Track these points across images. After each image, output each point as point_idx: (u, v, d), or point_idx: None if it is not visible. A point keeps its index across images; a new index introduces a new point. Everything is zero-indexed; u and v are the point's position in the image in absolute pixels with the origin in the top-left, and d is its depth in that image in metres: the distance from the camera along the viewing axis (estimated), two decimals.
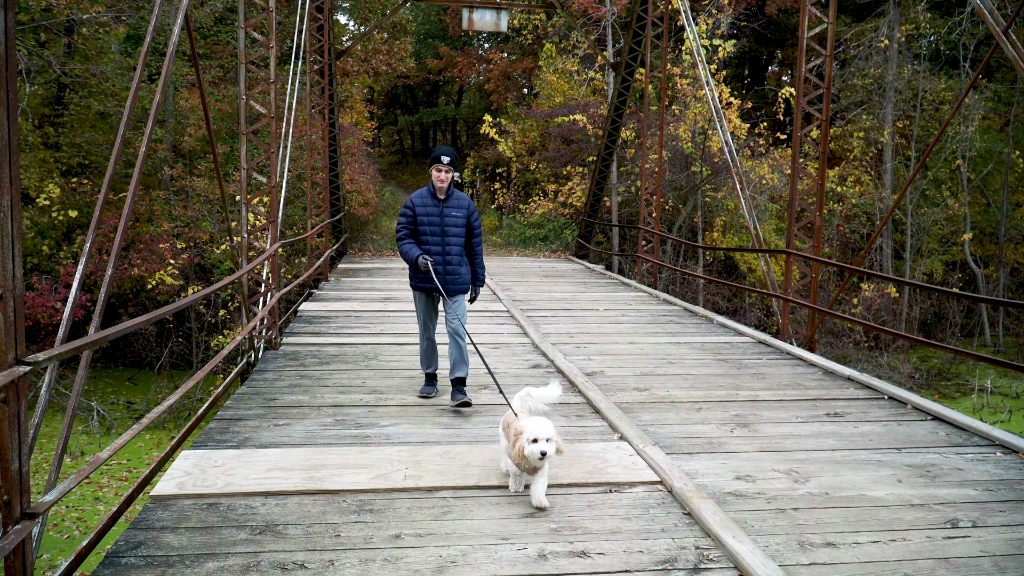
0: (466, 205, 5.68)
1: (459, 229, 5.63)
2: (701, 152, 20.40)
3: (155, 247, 16.16)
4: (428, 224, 5.56)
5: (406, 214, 5.60)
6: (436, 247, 5.57)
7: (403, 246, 5.61)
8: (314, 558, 3.29)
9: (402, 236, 5.63)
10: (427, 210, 5.57)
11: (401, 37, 25.17)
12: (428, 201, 5.58)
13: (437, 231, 5.57)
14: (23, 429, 2.65)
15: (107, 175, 4.12)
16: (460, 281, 5.70)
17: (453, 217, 5.60)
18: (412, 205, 5.61)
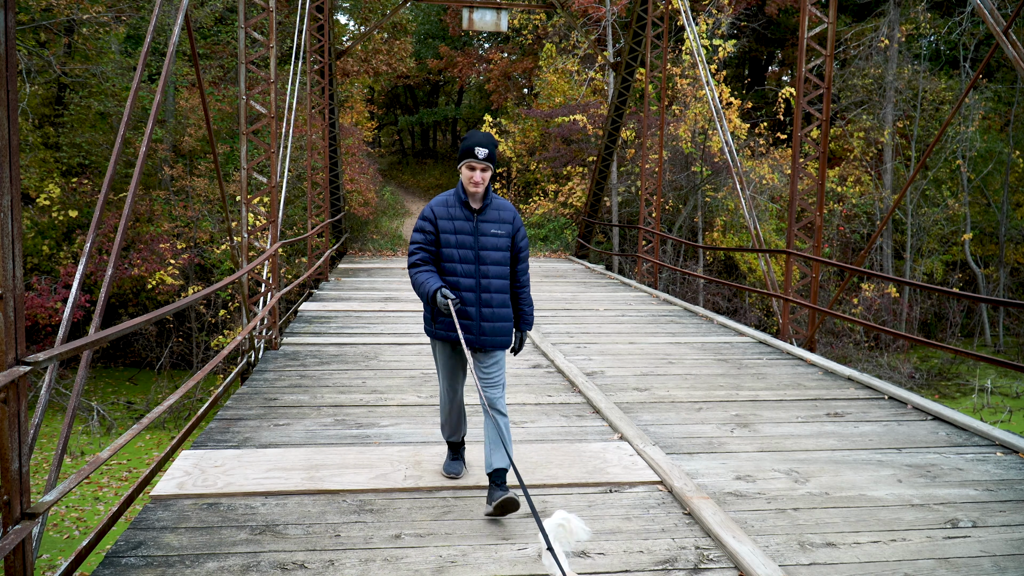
0: (511, 219, 3.91)
1: (501, 254, 3.86)
2: (701, 152, 20.40)
3: (155, 247, 16.16)
4: (457, 246, 3.81)
5: (424, 230, 3.83)
6: (468, 279, 3.81)
7: (418, 275, 3.76)
8: (314, 558, 3.29)
9: (417, 262, 3.81)
10: (455, 225, 3.81)
11: (401, 37, 25.16)
12: (456, 212, 3.83)
13: (469, 256, 3.81)
14: (23, 429, 2.65)
15: (107, 175, 4.12)
16: (501, 330, 3.90)
17: (493, 236, 3.85)
18: (432, 217, 3.82)
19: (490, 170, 3.76)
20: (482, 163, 3.74)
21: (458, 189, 3.88)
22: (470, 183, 3.79)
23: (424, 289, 3.70)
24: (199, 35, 19.56)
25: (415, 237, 3.84)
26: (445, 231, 3.81)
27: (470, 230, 3.83)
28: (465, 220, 3.83)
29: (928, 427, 5.40)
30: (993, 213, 22.33)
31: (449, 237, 3.81)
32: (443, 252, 3.81)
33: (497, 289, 3.86)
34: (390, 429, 5.11)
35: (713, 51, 20.19)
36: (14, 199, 2.56)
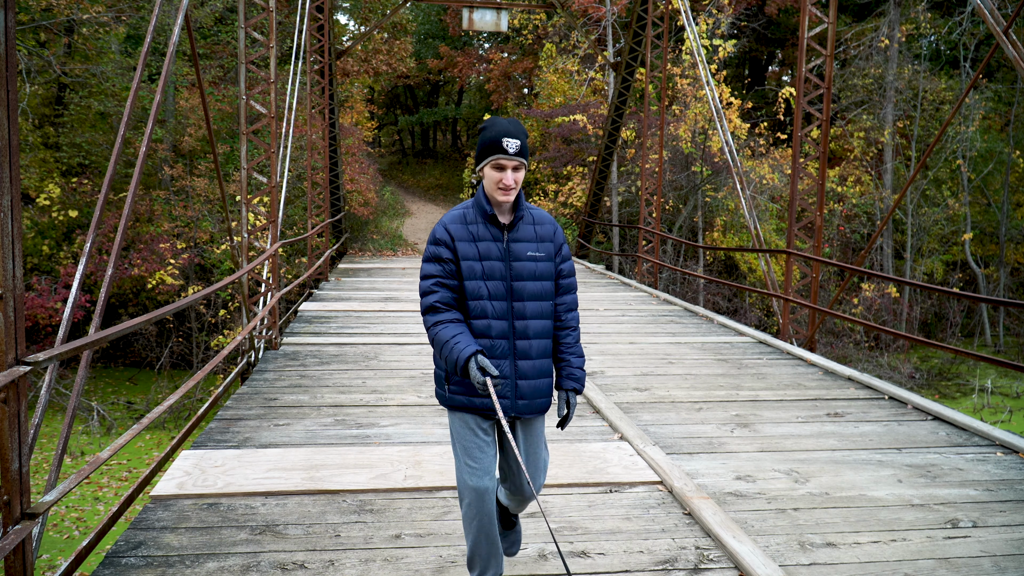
0: (551, 234, 2.90)
1: (541, 285, 2.83)
2: (701, 152, 20.40)
3: (155, 247, 16.16)
4: (485, 277, 2.78)
5: (439, 258, 2.78)
6: (499, 321, 2.79)
7: (441, 331, 2.72)
8: (314, 558, 3.29)
9: (437, 305, 2.77)
10: (480, 249, 2.79)
11: (401, 37, 25.17)
12: (480, 231, 2.81)
13: (500, 290, 2.79)
14: (23, 429, 2.65)
15: (107, 175, 4.12)
16: (542, 389, 2.88)
17: (530, 260, 2.83)
18: (448, 239, 2.79)
19: (524, 168, 2.76)
20: (514, 159, 2.71)
21: (479, 199, 2.81)
22: (498, 188, 2.73)
23: (452, 353, 2.61)
24: (199, 35, 19.57)
25: (428, 269, 2.77)
26: (467, 257, 2.74)
27: (499, 254, 2.77)
28: (492, 241, 2.77)
29: (928, 427, 5.40)
30: (993, 213, 22.34)
31: (473, 266, 2.74)
32: (466, 287, 2.74)
33: (537, 333, 2.82)
34: (390, 429, 5.11)
35: (713, 51, 20.19)
36: (14, 199, 2.56)
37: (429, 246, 2.81)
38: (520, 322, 2.80)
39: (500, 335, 2.78)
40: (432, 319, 2.75)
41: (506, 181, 2.73)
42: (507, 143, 2.71)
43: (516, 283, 2.79)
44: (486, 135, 2.75)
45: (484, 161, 2.76)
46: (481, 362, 2.57)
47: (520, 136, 2.73)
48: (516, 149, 2.72)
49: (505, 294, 2.78)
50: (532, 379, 2.83)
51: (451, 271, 2.76)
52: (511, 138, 2.71)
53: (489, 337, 2.77)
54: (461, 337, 2.66)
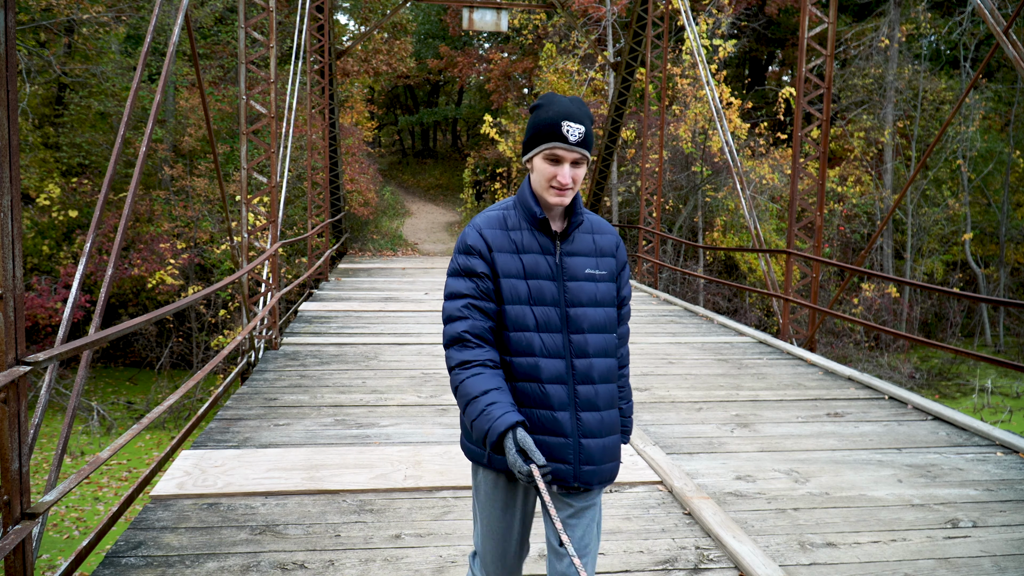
0: (613, 247, 2.28)
1: (604, 312, 2.21)
2: (701, 152, 20.39)
3: (155, 247, 16.16)
4: (533, 301, 2.15)
5: (470, 272, 2.14)
6: (554, 361, 2.14)
7: (468, 380, 2.06)
8: (314, 558, 3.29)
9: (463, 334, 2.10)
10: (525, 263, 2.16)
11: (401, 37, 25.17)
12: (525, 239, 2.18)
13: (553, 316, 2.15)
14: (23, 429, 2.65)
15: (107, 175, 4.12)
16: (612, 450, 2.23)
17: (588, 281, 2.20)
18: (483, 246, 2.15)
19: (586, 163, 2.12)
20: (575, 150, 2.07)
21: (523, 198, 2.17)
22: (551, 188, 2.10)
23: (481, 419, 1.97)
24: (199, 35, 19.57)
25: (455, 287, 2.12)
26: (508, 274, 2.11)
27: (550, 271, 2.14)
28: (541, 253, 2.14)
29: (928, 427, 5.40)
30: (993, 213, 22.34)
31: (516, 285, 2.11)
32: (508, 314, 2.10)
33: (603, 376, 2.17)
34: (390, 429, 5.11)
35: (713, 51, 20.18)
36: (14, 199, 2.56)
37: (458, 256, 2.13)
38: (581, 361, 2.14)
39: (554, 379, 2.10)
40: (458, 356, 2.05)
41: (562, 178, 2.07)
42: (567, 128, 2.06)
43: (573, 310, 2.13)
44: (540, 117, 2.10)
45: (535, 150, 2.11)
46: (523, 441, 1.89)
47: (585, 120, 2.07)
48: (579, 137, 2.06)
49: (559, 324, 2.12)
50: (600, 437, 2.15)
51: (487, 290, 2.09)
52: (573, 122, 2.07)
53: (537, 381, 2.09)
54: (496, 396, 1.98)
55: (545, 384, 2.11)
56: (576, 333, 2.14)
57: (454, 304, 2.12)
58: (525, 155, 2.17)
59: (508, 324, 2.11)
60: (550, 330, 2.12)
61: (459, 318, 2.10)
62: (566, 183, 2.09)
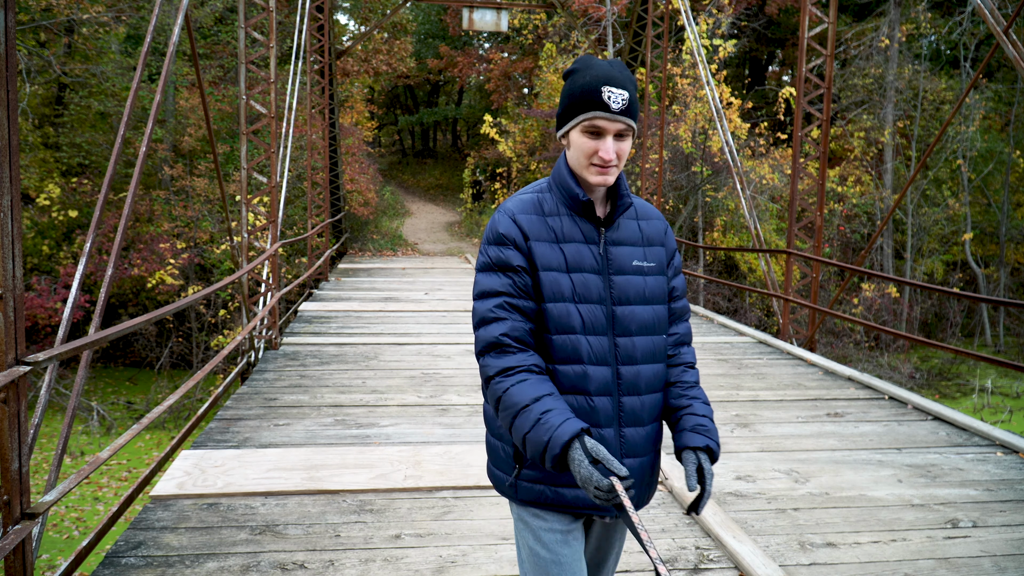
0: (661, 233, 1.97)
1: (653, 310, 1.89)
2: (701, 152, 20.40)
3: (155, 247, 16.17)
4: (578, 298, 1.81)
5: (504, 264, 1.80)
6: (599, 367, 1.81)
7: (508, 384, 1.72)
8: (314, 558, 3.29)
9: (500, 339, 1.77)
10: (566, 254, 1.83)
11: (401, 37, 25.18)
12: (566, 226, 1.85)
13: (599, 316, 1.82)
14: (23, 429, 2.65)
15: (107, 175, 4.12)
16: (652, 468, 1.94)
17: (636, 274, 1.88)
18: (518, 235, 1.82)
19: (632, 135, 1.82)
20: (619, 119, 1.76)
21: (561, 177, 1.87)
22: (591, 165, 1.81)
23: (538, 431, 1.65)
24: (199, 35, 19.57)
25: (488, 284, 1.81)
26: (549, 266, 1.80)
27: (595, 263, 1.84)
28: (584, 242, 1.84)
29: (928, 427, 5.40)
30: (994, 213, 22.35)
31: (559, 280, 1.80)
32: (549, 314, 1.79)
33: (650, 385, 1.88)
34: (390, 429, 5.11)
35: (713, 51, 20.19)
36: (14, 199, 2.56)
37: (488, 248, 1.83)
38: (628, 369, 1.83)
39: (601, 390, 1.80)
40: (497, 363, 1.74)
41: (604, 154, 1.77)
42: (609, 95, 1.75)
43: (620, 308, 1.83)
44: (577, 83, 1.79)
45: (571, 122, 1.80)
46: (595, 450, 1.60)
47: (628, 85, 1.77)
48: (622, 104, 1.75)
49: (606, 326, 1.81)
50: (642, 456, 1.87)
51: (525, 287, 1.78)
52: (615, 87, 1.75)
53: (586, 393, 1.79)
54: (551, 403, 1.67)
55: (593, 397, 1.80)
56: (623, 336, 1.83)
57: (487, 304, 1.79)
58: (560, 129, 1.86)
59: (550, 326, 1.78)
60: (596, 332, 1.81)
61: (495, 320, 1.77)
62: (609, 159, 1.77)
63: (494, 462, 1.94)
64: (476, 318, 1.81)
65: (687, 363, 1.98)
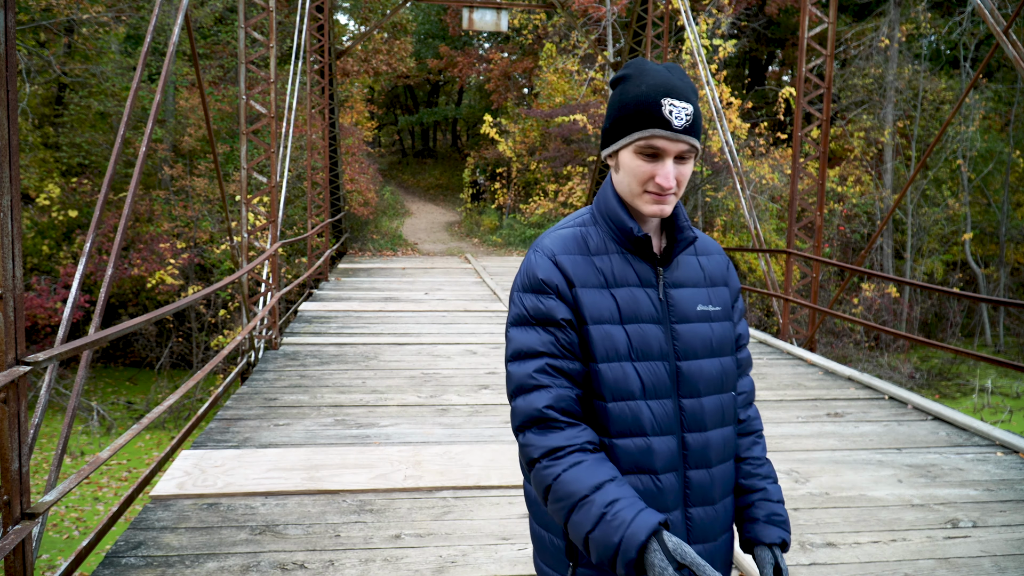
0: (723, 271, 1.66)
1: (721, 364, 1.58)
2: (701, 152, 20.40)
3: (155, 247, 16.17)
4: (634, 353, 1.50)
5: (546, 318, 1.48)
6: (663, 437, 1.50)
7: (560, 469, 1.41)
8: (314, 558, 3.29)
9: (545, 412, 1.45)
10: (619, 301, 1.51)
11: (401, 37, 25.18)
12: (617, 266, 1.53)
13: (662, 375, 1.51)
14: (23, 429, 2.65)
15: (107, 175, 4.12)
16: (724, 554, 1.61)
17: (702, 323, 1.58)
18: (561, 281, 1.50)
19: (694, 157, 1.53)
20: (682, 139, 1.48)
21: (609, 207, 1.58)
22: (646, 192, 1.52)
23: (605, 529, 1.36)
24: (199, 35, 19.57)
25: (525, 341, 1.51)
26: (600, 318, 1.50)
27: (654, 310, 1.54)
28: (640, 286, 1.55)
29: (928, 427, 5.40)
30: (993, 213, 22.35)
31: (612, 334, 1.50)
32: (602, 376, 1.49)
33: (719, 455, 1.59)
34: (390, 429, 5.11)
35: (713, 51, 20.19)
36: (14, 199, 2.56)
37: (524, 296, 1.51)
38: (695, 437, 1.53)
39: (667, 465, 1.50)
40: (542, 443, 1.43)
41: (663, 180, 1.47)
42: (671, 108, 1.45)
43: (686, 364, 1.53)
44: (630, 92, 1.48)
45: (623, 140, 1.50)
46: (679, 551, 1.31)
47: (692, 97, 1.47)
48: (686, 120, 1.46)
49: (670, 386, 1.51)
50: (714, 540, 1.58)
51: (571, 345, 1.48)
52: (678, 100, 1.46)
53: (650, 472, 1.48)
54: (617, 491, 1.37)
55: (660, 475, 1.49)
56: (689, 397, 1.53)
57: (525, 368, 1.48)
58: (607, 147, 1.56)
59: (604, 391, 1.47)
60: (659, 395, 1.50)
61: (535, 387, 1.46)
62: (668, 186, 1.47)
63: (541, 556, 1.60)
64: (512, 385, 1.50)
65: (756, 431, 1.70)
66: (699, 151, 1.51)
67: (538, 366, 1.47)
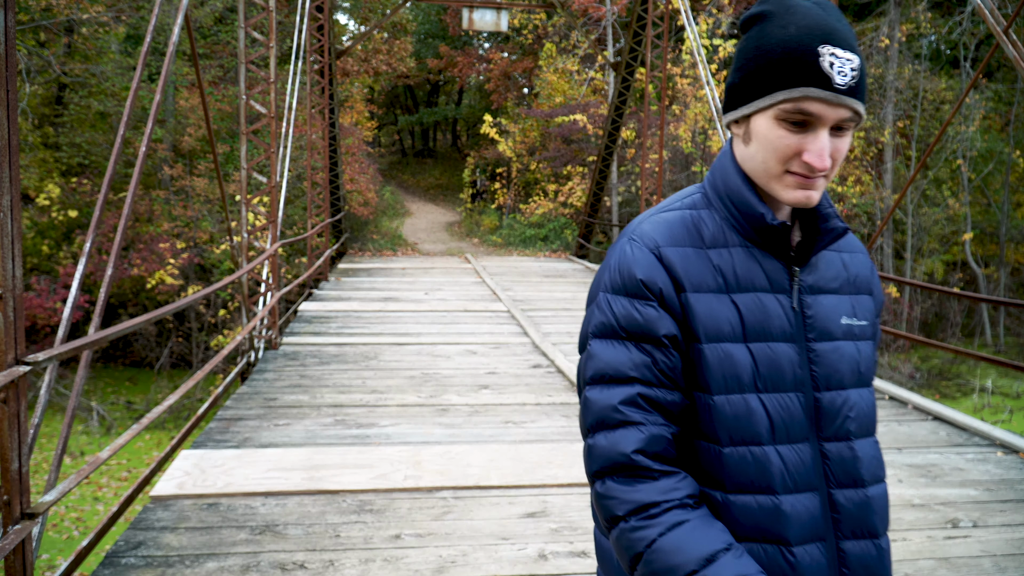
0: (868, 274, 1.26)
1: (869, 395, 1.21)
2: (701, 152, 20.40)
3: (155, 247, 16.17)
4: (760, 383, 1.13)
5: (640, 332, 1.12)
6: (800, 495, 1.12)
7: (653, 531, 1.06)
8: (314, 558, 3.29)
9: (633, 458, 1.09)
10: (741, 309, 1.14)
11: (401, 37, 25.18)
12: (740, 262, 1.16)
13: (797, 410, 1.14)
14: (23, 429, 2.65)
15: (107, 175, 4.12)
16: None
17: (847, 341, 1.19)
18: (667, 283, 1.13)
19: (854, 125, 1.12)
20: (845, 102, 1.08)
21: (732, 186, 1.20)
22: (788, 173, 1.13)
23: None
24: (199, 35, 19.57)
25: (610, 359, 1.14)
26: (718, 334, 1.14)
27: (786, 322, 1.17)
28: (768, 290, 1.18)
29: (928, 427, 5.40)
30: (994, 213, 22.35)
31: (734, 356, 1.14)
32: (717, 411, 1.13)
33: (884, 517, 1.20)
34: (390, 429, 5.11)
35: (713, 51, 20.19)
36: (14, 199, 2.56)
37: (614, 300, 1.17)
38: (849, 495, 1.17)
39: (806, 534, 1.14)
40: (630, 496, 1.10)
41: (815, 158, 1.10)
42: (831, 60, 1.08)
43: (827, 396, 1.18)
44: (773, 35, 1.11)
45: (761, 100, 1.13)
46: None
47: (855, 45, 1.11)
48: (852, 78, 1.09)
49: (807, 427, 1.16)
50: None
51: (672, 369, 1.14)
52: (840, 49, 1.09)
53: (781, 542, 1.13)
54: (736, 566, 1.05)
55: (794, 547, 1.12)
56: (834, 440, 1.17)
57: (610, 396, 1.13)
58: (734, 110, 1.18)
59: (720, 431, 1.13)
60: (792, 438, 1.14)
61: (623, 424, 1.11)
62: (822, 166, 1.09)
63: None
64: (590, 416, 1.15)
65: None
66: (863, 119, 1.13)
67: (627, 396, 1.12)
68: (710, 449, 1.14)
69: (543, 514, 3.79)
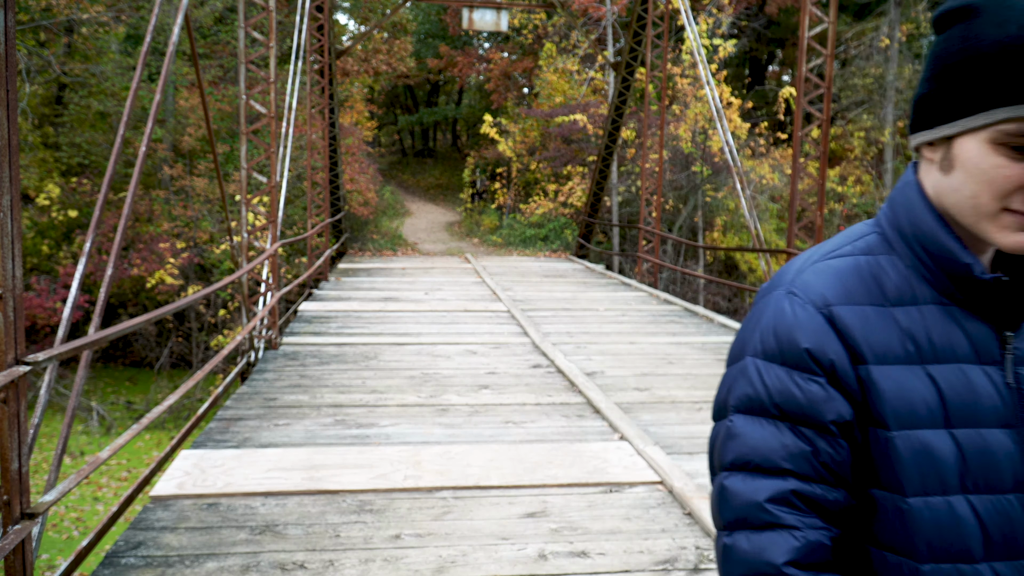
0: None
1: None
2: (701, 152, 20.41)
3: (155, 247, 16.18)
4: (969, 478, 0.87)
5: (803, 416, 0.88)
6: None
7: None
8: (314, 558, 3.29)
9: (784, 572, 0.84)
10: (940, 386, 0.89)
11: (401, 37, 25.18)
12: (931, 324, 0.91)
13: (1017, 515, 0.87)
14: (23, 429, 2.65)
15: (107, 175, 4.12)
16: None
17: None
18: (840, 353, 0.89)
19: None
20: None
21: (923, 226, 0.93)
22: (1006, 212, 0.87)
23: None
24: (199, 35, 19.57)
25: (756, 442, 0.91)
26: (911, 417, 0.89)
27: (1000, 403, 0.91)
28: (974, 361, 0.92)
29: None
30: None
31: (933, 446, 0.88)
32: (914, 516, 0.88)
33: None
34: (390, 429, 5.11)
35: (713, 51, 20.20)
36: (14, 199, 2.56)
37: (766, 368, 0.94)
38: None
39: None
40: None
41: None
42: None
43: None
44: (988, 35, 0.86)
45: (971, 118, 0.88)
46: None
47: None
48: None
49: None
50: None
51: (839, 465, 0.91)
52: None
53: None
54: None
55: None
56: None
57: (755, 489, 0.91)
58: (927, 129, 0.94)
59: (916, 543, 0.90)
60: (1012, 554, 0.90)
61: (772, 526, 0.89)
62: None
63: None
64: (729, 511, 0.93)
65: None
66: None
67: (778, 491, 0.89)
68: (902, 565, 0.89)
69: (543, 514, 3.79)
